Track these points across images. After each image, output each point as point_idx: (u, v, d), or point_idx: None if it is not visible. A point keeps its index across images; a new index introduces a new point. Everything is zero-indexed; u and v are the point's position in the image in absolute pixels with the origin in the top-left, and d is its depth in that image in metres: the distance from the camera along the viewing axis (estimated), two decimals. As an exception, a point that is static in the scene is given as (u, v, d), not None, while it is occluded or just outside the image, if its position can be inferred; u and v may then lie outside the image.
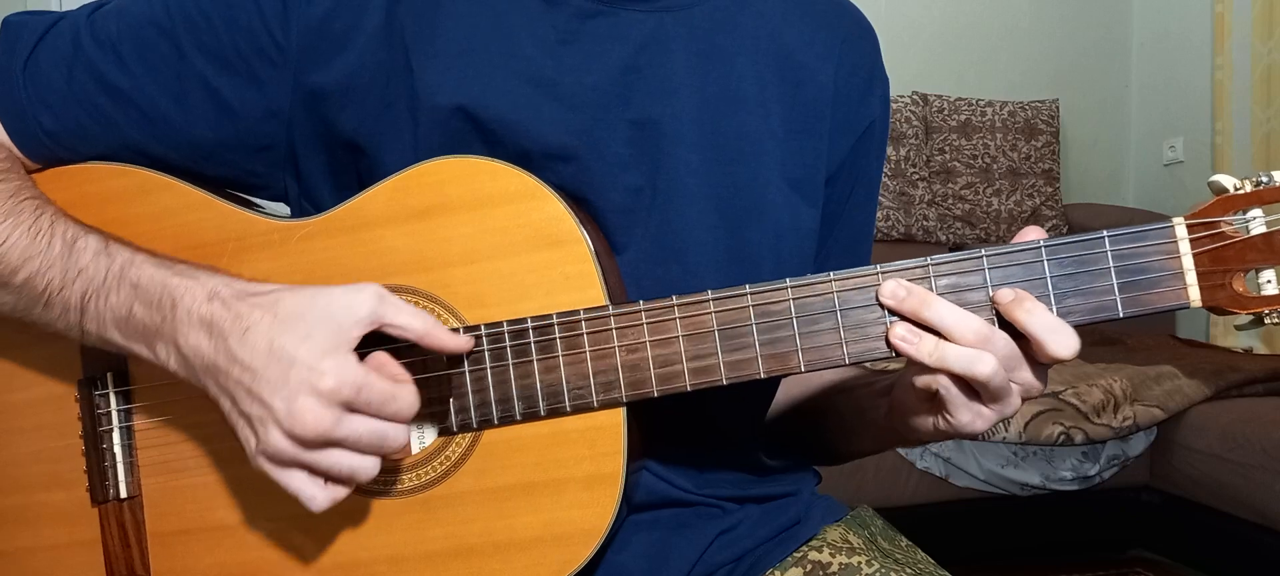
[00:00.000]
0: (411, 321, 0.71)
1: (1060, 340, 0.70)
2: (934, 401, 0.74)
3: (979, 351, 0.70)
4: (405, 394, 0.71)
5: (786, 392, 0.97)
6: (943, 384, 0.72)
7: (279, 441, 0.69)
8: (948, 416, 0.74)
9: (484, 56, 0.80)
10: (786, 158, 0.86)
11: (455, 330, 0.75)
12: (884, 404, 0.82)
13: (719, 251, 0.83)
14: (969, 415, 0.73)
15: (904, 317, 0.72)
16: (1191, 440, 2.57)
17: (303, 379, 0.68)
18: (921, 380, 0.73)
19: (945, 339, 0.71)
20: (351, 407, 0.69)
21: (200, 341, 0.71)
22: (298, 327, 0.69)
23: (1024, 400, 0.74)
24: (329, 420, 0.68)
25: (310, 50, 0.80)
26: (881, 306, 0.72)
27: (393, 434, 0.71)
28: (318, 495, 0.71)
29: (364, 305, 0.70)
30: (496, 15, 0.81)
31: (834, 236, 0.93)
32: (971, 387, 0.72)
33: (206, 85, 0.81)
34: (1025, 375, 0.73)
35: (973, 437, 0.78)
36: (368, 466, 0.71)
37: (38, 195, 0.79)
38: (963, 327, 0.70)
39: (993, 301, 0.72)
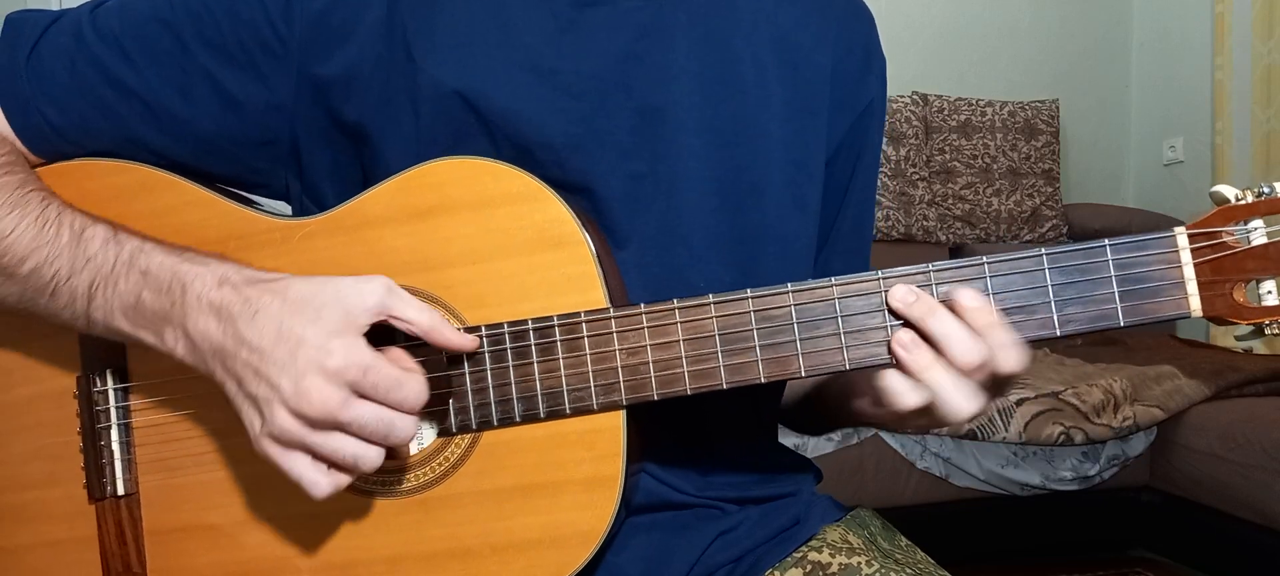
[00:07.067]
0: (418, 316, 0.71)
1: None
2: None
3: (965, 380, 0.70)
4: (413, 382, 0.71)
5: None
6: (932, 396, 0.71)
7: (285, 420, 0.69)
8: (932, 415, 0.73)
9: (484, 47, 0.80)
10: (788, 138, 0.86)
11: (459, 329, 0.75)
12: (871, 391, 0.79)
13: (723, 234, 0.83)
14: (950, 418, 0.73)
15: (909, 324, 0.71)
16: (1191, 440, 2.57)
17: (310, 358, 0.68)
18: (904, 385, 0.71)
19: (940, 353, 0.70)
20: (358, 390, 0.69)
21: (209, 325, 0.71)
22: (306, 310, 0.69)
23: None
24: (336, 400, 0.68)
25: (312, 42, 0.80)
26: (890, 311, 0.72)
27: (399, 424, 0.70)
28: (320, 480, 0.70)
29: (373, 294, 0.70)
30: (496, 6, 0.81)
31: (840, 217, 0.93)
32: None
33: (210, 78, 0.81)
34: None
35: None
36: (371, 455, 0.70)
37: (43, 188, 0.79)
38: (960, 349, 0.70)
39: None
